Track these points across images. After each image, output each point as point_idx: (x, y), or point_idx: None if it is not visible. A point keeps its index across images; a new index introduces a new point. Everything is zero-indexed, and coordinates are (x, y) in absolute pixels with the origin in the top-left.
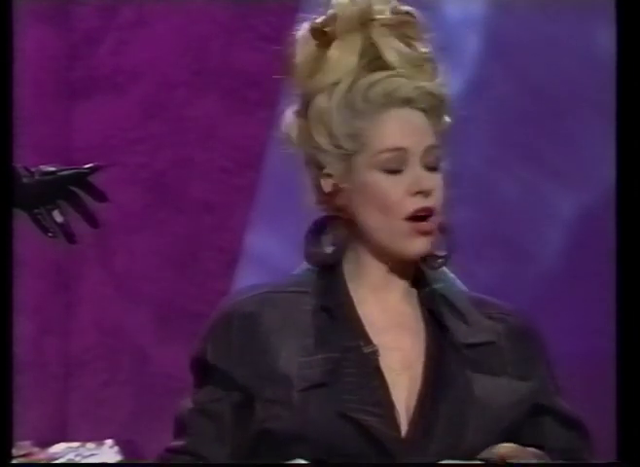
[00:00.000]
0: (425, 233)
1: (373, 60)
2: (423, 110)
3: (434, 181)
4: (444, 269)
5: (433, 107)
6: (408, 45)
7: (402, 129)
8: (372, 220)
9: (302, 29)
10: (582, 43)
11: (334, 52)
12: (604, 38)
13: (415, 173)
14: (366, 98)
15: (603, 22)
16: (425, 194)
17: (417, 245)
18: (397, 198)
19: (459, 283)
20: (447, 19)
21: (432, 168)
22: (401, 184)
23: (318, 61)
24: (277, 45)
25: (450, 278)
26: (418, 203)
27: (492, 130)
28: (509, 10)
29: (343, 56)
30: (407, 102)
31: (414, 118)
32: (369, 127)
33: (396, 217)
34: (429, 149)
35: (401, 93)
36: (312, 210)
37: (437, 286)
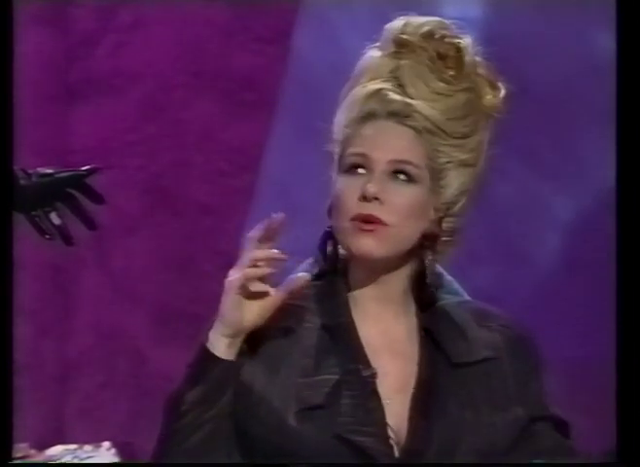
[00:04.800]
0: (367, 232)
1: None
2: (416, 129)
3: (390, 191)
4: (449, 278)
5: (428, 130)
6: (440, 77)
7: (372, 138)
8: (334, 222)
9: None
10: (581, 45)
11: (373, 57)
12: (603, 40)
13: (371, 178)
14: (364, 107)
15: (602, 25)
16: (368, 199)
17: (360, 244)
18: (348, 200)
19: (462, 292)
20: (445, 21)
21: (401, 180)
22: (356, 188)
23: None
24: (275, 47)
25: (454, 290)
26: (360, 208)
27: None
28: (507, 11)
29: (372, 66)
30: (392, 116)
31: (396, 131)
32: (351, 133)
33: (344, 218)
34: (394, 162)
35: (390, 107)
36: (309, 213)
37: (438, 303)
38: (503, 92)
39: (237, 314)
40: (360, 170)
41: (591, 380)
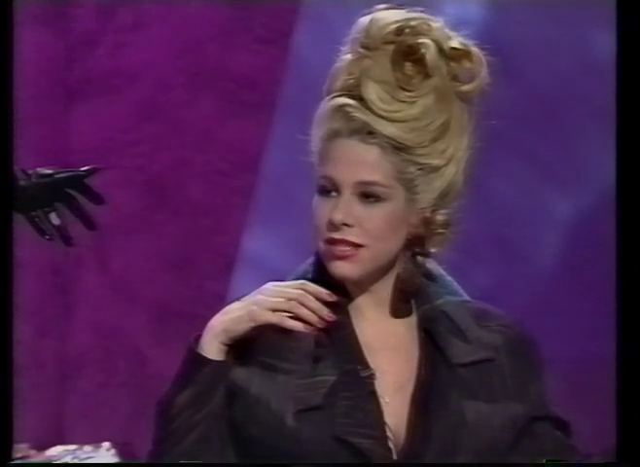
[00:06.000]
0: (340, 258)
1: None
2: (380, 145)
3: (359, 213)
4: (448, 278)
5: (392, 145)
6: (403, 82)
7: (337, 159)
8: (315, 239)
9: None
10: (581, 45)
11: (344, 60)
12: (603, 40)
13: (338, 203)
14: (329, 124)
15: (602, 24)
16: (335, 226)
17: (336, 268)
18: (321, 222)
19: (461, 292)
20: (445, 20)
21: (369, 200)
22: (327, 211)
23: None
24: (275, 47)
25: (454, 290)
26: (331, 233)
27: (490, 133)
28: (507, 11)
29: (342, 70)
30: (355, 133)
31: (359, 150)
32: (321, 151)
33: (320, 239)
34: (360, 184)
35: (352, 125)
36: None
37: (437, 302)
38: (483, 73)
39: (242, 329)
40: (332, 193)
41: (591, 380)
